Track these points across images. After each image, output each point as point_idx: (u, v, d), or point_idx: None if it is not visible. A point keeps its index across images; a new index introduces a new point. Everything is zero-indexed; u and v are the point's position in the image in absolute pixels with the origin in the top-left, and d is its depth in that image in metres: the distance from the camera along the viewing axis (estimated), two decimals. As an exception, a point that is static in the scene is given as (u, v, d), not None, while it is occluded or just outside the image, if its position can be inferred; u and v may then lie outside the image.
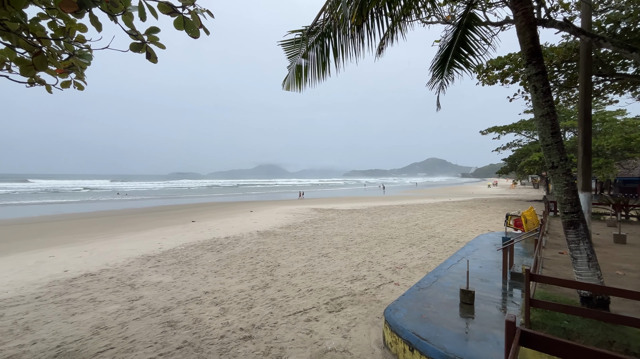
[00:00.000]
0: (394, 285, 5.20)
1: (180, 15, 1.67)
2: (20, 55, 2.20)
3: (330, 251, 7.67)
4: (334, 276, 5.68)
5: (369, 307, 4.31)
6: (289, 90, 4.01)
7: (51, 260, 7.38)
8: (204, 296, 4.83)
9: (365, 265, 6.43)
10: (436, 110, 5.61)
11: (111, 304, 4.59)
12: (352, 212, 16.37)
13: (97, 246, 8.96)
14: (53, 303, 4.66)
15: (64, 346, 3.41)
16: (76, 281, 5.67)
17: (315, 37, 3.73)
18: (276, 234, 10.21)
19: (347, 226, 11.69)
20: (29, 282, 5.68)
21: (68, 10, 1.65)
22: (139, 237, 10.33)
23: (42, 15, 2.04)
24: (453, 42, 4.65)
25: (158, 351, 3.26)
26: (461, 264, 5.29)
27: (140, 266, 6.63)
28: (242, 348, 3.30)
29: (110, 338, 3.57)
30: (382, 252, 7.49)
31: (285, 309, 4.26)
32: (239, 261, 6.89)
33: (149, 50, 1.88)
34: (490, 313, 3.44)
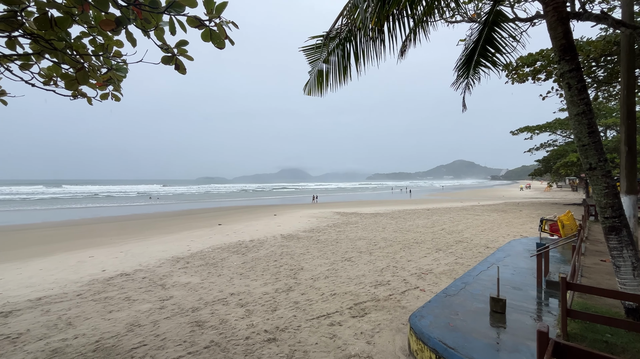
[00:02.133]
0: (419, 291, 5.07)
1: (207, 27, 1.75)
2: (65, 71, 2.40)
3: (354, 255, 7.62)
4: (357, 281, 5.63)
5: (393, 313, 4.23)
6: (310, 95, 4.06)
7: (91, 260, 7.89)
8: (230, 297, 4.96)
9: (389, 269, 6.32)
10: (462, 111, 5.44)
11: (144, 303, 4.82)
12: (376, 216, 16.16)
13: (131, 247, 9.46)
14: (92, 301, 4.97)
15: (102, 342, 3.62)
16: (113, 281, 6.01)
17: (336, 42, 3.76)
18: (299, 237, 10.28)
19: (371, 230, 11.56)
20: (71, 280, 6.10)
21: (107, 28, 1.79)
22: (169, 239, 10.80)
23: (84, 33, 2.21)
24: (479, 41, 4.50)
25: (187, 350, 3.39)
26: (491, 271, 5.06)
27: (170, 267, 6.93)
28: (267, 350, 3.34)
29: (143, 335, 3.75)
30: (406, 257, 7.33)
31: (308, 313, 4.27)
32: (263, 264, 7.01)
33: (178, 62, 1.99)
34: (524, 323, 3.26)
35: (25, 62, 2.33)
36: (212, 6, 1.65)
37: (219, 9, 1.68)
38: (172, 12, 1.70)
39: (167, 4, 1.66)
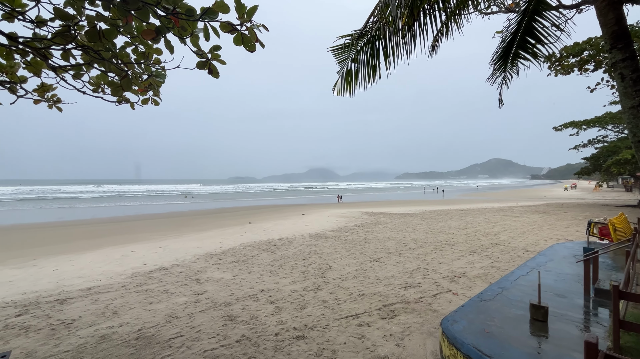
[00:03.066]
0: (452, 295, 4.88)
1: (238, 32, 1.81)
2: (111, 79, 2.59)
3: (382, 256, 7.50)
4: (386, 282, 5.54)
5: (424, 316, 4.11)
6: (339, 95, 4.05)
7: (133, 254, 8.46)
8: (260, 294, 5.09)
9: (419, 271, 6.15)
10: (498, 107, 5.16)
11: (181, 296, 5.09)
12: (405, 216, 15.79)
13: (169, 243, 10.02)
14: (135, 292, 5.33)
15: (143, 331, 3.88)
16: (152, 274, 6.41)
17: (364, 40, 3.72)
18: (327, 237, 10.31)
19: (400, 230, 11.31)
20: (117, 273, 6.59)
21: (148, 37, 1.91)
22: (203, 236, 11.30)
23: (127, 43, 2.38)
24: (517, 32, 4.24)
25: (220, 343, 3.53)
26: (531, 276, 4.75)
27: (204, 263, 7.25)
28: (296, 347, 3.39)
29: (180, 327, 3.96)
30: (438, 259, 7.09)
31: (336, 312, 4.28)
32: (292, 262, 7.11)
33: (211, 67, 2.07)
34: (569, 333, 3.03)
35: (77, 72, 2.55)
36: (244, 10, 1.70)
37: (250, 13, 1.73)
38: (206, 19, 1.77)
39: (202, 11, 1.73)
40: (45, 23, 2.14)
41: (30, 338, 3.76)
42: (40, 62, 2.44)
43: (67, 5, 2.02)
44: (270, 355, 3.24)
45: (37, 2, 1.92)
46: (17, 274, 6.77)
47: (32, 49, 2.22)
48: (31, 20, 2.10)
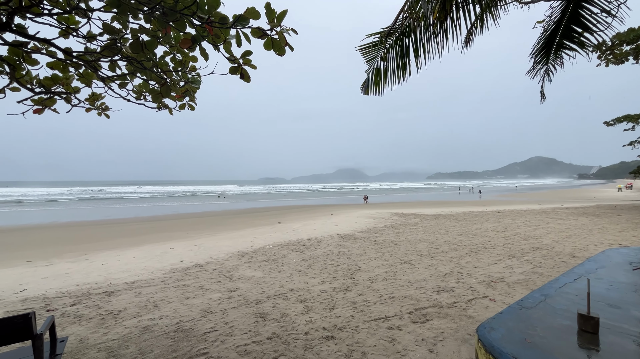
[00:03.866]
0: (488, 301, 4.64)
1: (269, 37, 1.86)
2: (152, 86, 2.76)
3: (414, 258, 7.31)
4: (417, 285, 5.39)
5: (458, 322, 3.95)
6: (367, 94, 4.02)
7: (171, 251, 8.95)
8: (290, 293, 5.17)
9: (453, 275, 5.91)
10: (540, 102, 4.82)
11: (215, 292, 5.30)
12: (438, 218, 15.25)
13: (203, 241, 10.49)
14: (173, 287, 5.64)
15: (181, 324, 4.09)
16: (189, 270, 6.74)
17: (394, 38, 3.65)
18: (356, 238, 10.23)
19: (432, 232, 10.95)
20: (157, 268, 7.01)
21: (185, 46, 2.01)
22: (235, 235, 11.70)
23: (166, 52, 2.53)
24: (562, 20, 3.94)
25: (252, 339, 3.63)
26: (579, 283, 4.38)
27: (236, 261, 7.50)
28: (325, 347, 3.40)
29: (214, 322, 4.13)
30: (473, 263, 6.76)
31: (366, 314, 4.23)
32: (321, 262, 7.14)
33: (243, 72, 2.15)
34: (623, 347, 2.75)
35: (122, 81, 2.76)
36: (274, 15, 1.74)
37: (280, 18, 1.76)
38: (238, 26, 1.84)
39: (234, 18, 1.80)
40: (95, 38, 2.33)
41: (82, 326, 4.12)
42: (91, 74, 2.66)
43: (114, 20, 2.19)
44: (300, 354, 3.28)
45: (89, 19, 2.11)
46: (72, 267, 7.44)
47: (84, 61, 2.43)
48: (83, 36, 2.30)
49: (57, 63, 2.55)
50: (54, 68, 2.57)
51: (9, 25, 1.81)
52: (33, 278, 6.52)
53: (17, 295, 5.47)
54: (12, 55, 2.29)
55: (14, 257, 9.17)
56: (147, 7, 1.84)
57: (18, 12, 1.80)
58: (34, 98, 2.69)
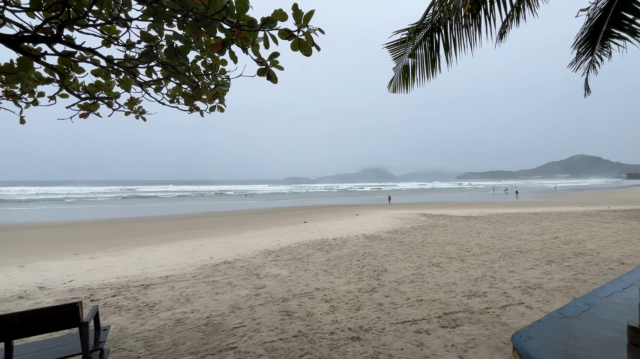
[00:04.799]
0: (524, 308, 4.39)
1: (295, 38, 1.87)
2: (185, 90, 2.89)
3: (442, 260, 7.07)
4: (447, 289, 5.20)
5: (491, 329, 3.77)
6: (395, 92, 3.94)
7: (202, 247, 9.32)
8: (315, 292, 5.19)
9: (485, 280, 5.65)
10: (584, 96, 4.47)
11: (243, 289, 5.44)
12: (468, 219, 14.64)
13: (231, 239, 10.81)
14: (204, 282, 5.86)
15: (211, 318, 4.24)
16: (218, 267, 6.98)
17: (422, 33, 3.54)
18: (382, 238, 10.08)
19: (462, 234, 10.53)
20: (188, 264, 7.32)
21: (215, 50, 2.08)
22: (261, 234, 11.95)
23: (197, 57, 2.63)
24: (610, 7, 3.62)
25: (278, 336, 3.69)
26: (629, 293, 4.01)
27: (263, 259, 7.65)
28: (351, 348, 3.38)
29: (242, 317, 4.25)
30: (507, 267, 6.42)
31: (393, 317, 4.15)
32: (346, 262, 7.11)
33: (270, 73, 2.18)
34: (683, 365, 2.49)
35: (158, 86, 2.90)
36: (301, 16, 1.75)
37: (307, 18, 1.77)
38: (266, 28, 1.87)
39: (262, 21, 1.84)
40: (134, 45, 2.47)
41: (122, 316, 4.39)
42: (130, 79, 2.83)
43: (150, 28, 2.30)
44: (326, 353, 3.29)
45: (128, 28, 2.24)
46: (112, 261, 7.97)
47: (124, 68, 2.58)
48: (123, 44, 2.45)
49: (100, 71, 2.74)
50: (97, 75, 2.75)
51: (59, 36, 1.96)
52: (79, 270, 7.05)
53: (65, 285, 5.95)
54: (61, 64, 2.48)
55: (63, 250, 9.99)
56: (181, 14, 1.92)
57: (67, 25, 1.95)
58: (80, 104, 2.90)
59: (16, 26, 2.00)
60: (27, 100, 2.76)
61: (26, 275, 6.77)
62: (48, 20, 1.90)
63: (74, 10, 1.90)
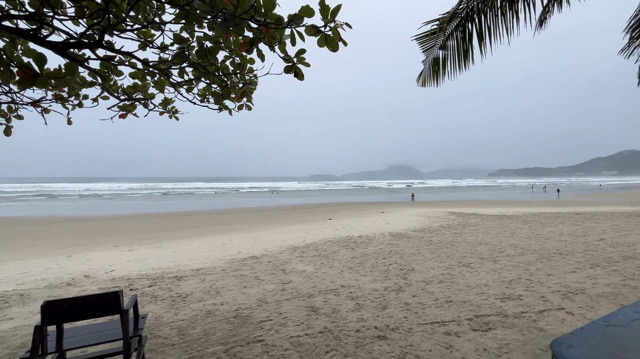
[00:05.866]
0: (565, 314, 4.11)
1: (322, 33, 1.86)
2: (214, 89, 2.97)
3: (473, 261, 6.79)
4: (478, 290, 5.00)
5: (527, 334, 3.57)
6: (424, 86, 3.80)
7: (230, 242, 9.62)
8: (341, 289, 5.19)
9: (520, 282, 5.36)
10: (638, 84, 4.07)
11: (269, 283, 5.56)
12: (502, 218, 13.94)
13: (258, 234, 11.07)
14: (232, 276, 6.05)
15: (239, 311, 4.37)
16: (246, 261, 7.17)
17: (454, 24, 3.39)
18: (409, 237, 9.86)
19: (495, 234, 10.05)
20: (218, 258, 7.59)
21: (243, 49, 2.12)
22: (287, 230, 12.12)
23: (226, 57, 2.69)
24: (669, -15, 3.26)
25: (304, 331, 3.73)
26: (689, 302, 3.64)
27: (289, 254, 7.76)
28: (377, 346, 3.35)
29: (269, 311, 4.34)
30: (545, 270, 6.05)
31: (420, 317, 4.06)
32: (372, 260, 7.03)
33: (297, 71, 2.18)
34: None
35: (189, 86, 3.01)
36: (328, 11, 1.74)
37: (334, 13, 1.75)
38: (292, 25, 1.87)
39: (289, 18, 1.84)
40: (167, 48, 2.58)
41: (158, 306, 4.65)
42: (164, 81, 2.96)
43: (182, 30, 2.39)
44: (352, 350, 3.28)
45: (162, 32, 2.33)
46: (148, 253, 8.44)
47: (158, 70, 2.70)
48: (157, 47, 2.56)
49: (137, 73, 2.89)
50: (134, 77, 2.91)
51: (101, 42, 2.09)
52: (119, 261, 7.55)
53: (108, 274, 6.39)
54: (103, 68, 2.64)
55: (105, 242, 10.74)
56: (211, 15, 1.97)
57: (107, 30, 2.07)
58: (119, 105, 3.08)
59: (63, 34, 2.15)
60: (73, 103, 2.97)
61: (74, 264, 7.36)
62: (91, 27, 2.03)
63: (113, 16, 2.02)
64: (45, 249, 9.72)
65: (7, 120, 2.78)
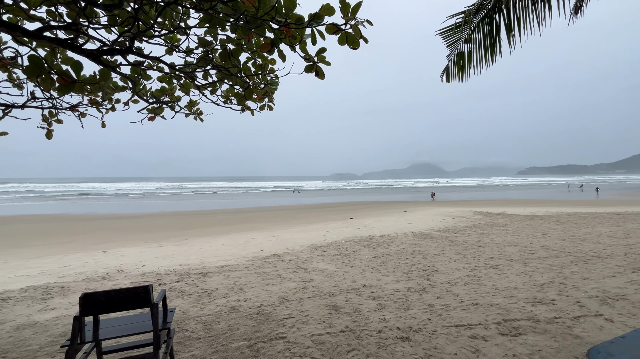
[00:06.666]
0: (603, 321, 3.85)
1: (343, 31, 1.84)
2: (237, 91, 3.03)
3: (502, 263, 6.52)
4: (507, 294, 4.79)
5: (561, 341, 3.38)
6: (449, 82, 3.69)
7: (253, 240, 9.81)
8: (362, 289, 5.15)
9: (554, 286, 5.08)
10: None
11: (291, 281, 5.62)
12: (532, 219, 13.28)
13: (280, 233, 11.21)
14: (255, 274, 6.17)
15: (262, 307, 4.45)
16: (268, 259, 7.29)
17: (481, 15, 3.25)
18: (433, 237, 9.62)
19: (525, 235, 9.59)
20: (241, 255, 7.77)
21: (264, 50, 2.15)
22: (308, 229, 12.19)
23: (248, 58, 2.74)
24: None
25: (325, 330, 3.74)
26: None
27: (310, 253, 7.81)
28: (400, 348, 3.29)
29: (291, 309, 4.39)
30: (581, 274, 5.70)
31: (445, 319, 3.95)
32: (394, 260, 6.93)
33: (318, 69, 2.19)
34: None
35: (213, 88, 3.10)
36: (348, 9, 1.72)
37: (354, 11, 1.74)
38: (313, 24, 1.87)
39: (309, 18, 1.84)
40: (192, 51, 2.66)
41: (184, 300, 4.83)
42: (189, 83, 3.06)
43: (206, 34, 2.46)
44: (374, 351, 3.25)
45: (187, 36, 2.41)
46: (176, 249, 8.79)
47: (184, 73, 2.80)
48: (183, 51, 2.65)
49: (164, 77, 3.01)
50: (162, 81, 3.03)
51: (131, 48, 2.19)
52: (149, 257, 7.91)
53: (139, 269, 6.72)
54: (133, 73, 2.78)
55: (136, 239, 11.29)
56: (233, 18, 2.01)
57: (137, 37, 2.17)
58: (148, 108, 3.23)
59: (97, 41, 2.28)
60: (106, 107, 3.15)
61: (108, 259, 7.80)
62: (122, 34, 2.13)
63: (142, 23, 2.11)
64: (83, 245, 10.38)
65: (48, 124, 2.99)
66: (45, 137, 2.98)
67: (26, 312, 4.52)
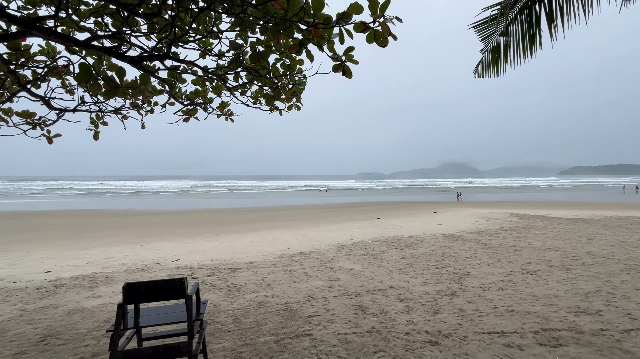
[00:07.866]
0: (659, 336, 3.49)
1: (371, 30, 1.83)
2: (266, 91, 3.10)
3: (540, 268, 6.12)
4: (546, 301, 4.50)
5: (608, 355, 3.11)
6: (483, 77, 3.52)
7: (280, 238, 9.99)
8: (389, 290, 5.07)
9: (600, 296, 4.69)
10: None
11: (317, 280, 5.66)
12: (576, 222, 12.33)
13: (306, 232, 11.31)
14: (282, 271, 6.28)
15: (289, 304, 4.53)
16: (295, 257, 7.39)
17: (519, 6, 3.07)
18: (464, 239, 9.24)
19: (567, 240, 8.92)
20: (269, 253, 7.94)
21: (293, 51, 2.18)
22: (335, 228, 12.19)
23: (277, 59, 2.79)
24: None
25: (352, 329, 3.73)
26: None
27: (336, 252, 7.81)
28: (428, 352, 3.21)
29: (317, 307, 4.42)
30: (633, 283, 5.21)
31: (477, 325, 3.78)
32: (423, 262, 6.74)
33: (345, 69, 2.18)
34: None
35: (243, 89, 3.19)
36: (377, 7, 1.70)
37: (383, 8, 1.71)
38: (341, 24, 1.87)
39: (337, 17, 1.84)
40: (224, 54, 2.76)
41: (215, 294, 5.03)
42: (221, 85, 3.18)
43: (237, 37, 2.54)
44: (401, 353, 3.19)
45: (219, 40, 2.51)
46: (208, 245, 9.17)
47: (216, 76, 2.91)
48: (215, 54, 2.76)
49: (198, 80, 3.15)
50: (196, 84, 3.18)
51: (168, 53, 2.32)
52: (183, 251, 8.32)
53: (173, 263, 7.09)
54: (170, 77, 2.94)
55: (171, 234, 11.93)
56: (262, 20, 2.06)
57: (174, 43, 2.30)
58: (183, 110, 3.40)
59: (138, 48, 2.44)
60: (146, 109, 3.35)
61: (146, 252, 8.31)
62: (160, 40, 2.26)
63: (178, 29, 2.22)
64: (125, 238, 11.14)
65: (95, 126, 3.24)
66: (92, 138, 3.24)
67: (76, 298, 4.94)
